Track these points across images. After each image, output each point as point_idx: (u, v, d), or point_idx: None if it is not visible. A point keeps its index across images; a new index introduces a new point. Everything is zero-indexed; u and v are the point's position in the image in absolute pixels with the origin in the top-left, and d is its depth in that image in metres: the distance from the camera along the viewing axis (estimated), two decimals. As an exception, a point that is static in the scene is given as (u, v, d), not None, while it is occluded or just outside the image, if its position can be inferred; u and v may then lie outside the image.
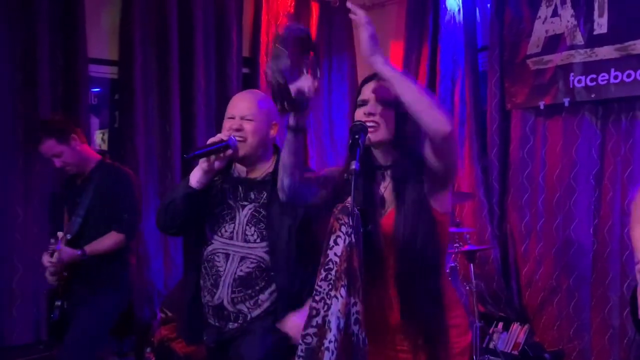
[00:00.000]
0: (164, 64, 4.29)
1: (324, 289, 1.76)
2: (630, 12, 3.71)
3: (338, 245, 1.77)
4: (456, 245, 4.15)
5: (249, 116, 2.28)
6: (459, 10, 4.76)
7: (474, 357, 3.95)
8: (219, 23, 4.55)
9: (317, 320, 1.74)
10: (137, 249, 4.00)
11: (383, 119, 1.89)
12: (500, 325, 4.46)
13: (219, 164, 2.22)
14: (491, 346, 4.33)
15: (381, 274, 1.89)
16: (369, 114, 1.88)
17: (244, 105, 2.31)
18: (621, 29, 3.75)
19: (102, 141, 4.71)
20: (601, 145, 4.03)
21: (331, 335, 1.70)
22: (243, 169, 2.35)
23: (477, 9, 4.75)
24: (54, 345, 3.43)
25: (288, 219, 2.22)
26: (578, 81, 3.97)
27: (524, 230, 4.43)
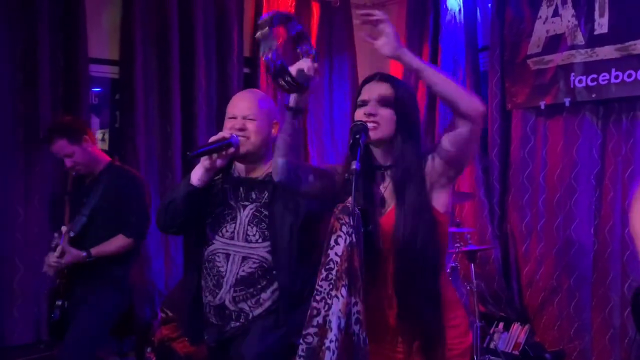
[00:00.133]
0: (164, 64, 4.28)
1: (325, 289, 1.76)
2: (631, 12, 3.70)
3: (339, 245, 1.77)
4: (457, 245, 4.15)
5: (251, 115, 2.28)
6: (459, 10, 4.75)
7: (475, 357, 3.95)
8: (219, 23, 4.54)
9: (318, 320, 1.74)
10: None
11: (383, 119, 1.89)
12: (501, 325, 4.46)
13: (221, 162, 2.22)
14: (492, 346, 4.33)
15: (381, 273, 1.89)
16: (370, 114, 1.89)
17: (245, 105, 2.31)
18: (622, 29, 3.75)
19: (103, 141, 4.70)
20: (602, 145, 4.02)
21: (332, 335, 1.70)
22: (243, 168, 2.35)
23: (478, 8, 4.74)
24: (55, 345, 3.43)
25: (290, 218, 2.22)
26: (579, 81, 3.97)
27: (525, 230, 4.42)
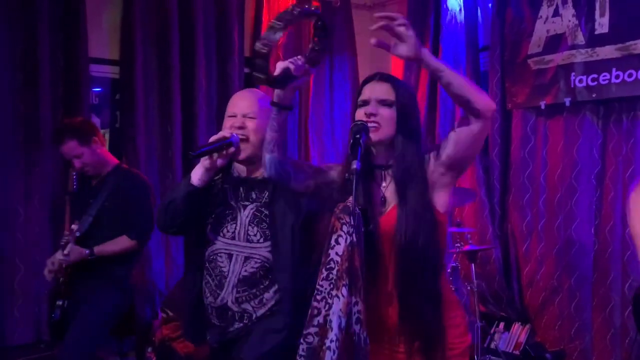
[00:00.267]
0: (165, 64, 4.28)
1: (326, 288, 1.76)
2: (632, 12, 3.70)
3: (339, 244, 1.77)
4: (457, 245, 4.14)
5: (250, 114, 2.27)
6: (460, 10, 4.75)
7: (475, 357, 3.95)
8: (220, 23, 4.53)
9: (319, 320, 1.74)
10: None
11: (384, 119, 1.89)
12: (502, 325, 4.46)
13: (221, 161, 2.22)
14: (492, 346, 4.32)
15: (382, 273, 1.89)
16: (370, 114, 1.89)
17: (245, 104, 2.30)
18: (622, 28, 3.75)
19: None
20: (602, 145, 4.02)
21: (332, 334, 1.70)
22: (243, 168, 2.34)
23: (479, 8, 4.74)
24: (55, 344, 3.43)
25: (291, 218, 2.22)
26: (579, 81, 3.97)
27: (525, 230, 4.42)
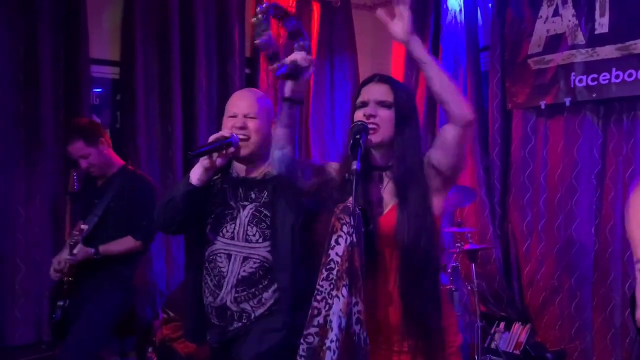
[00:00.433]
0: (165, 64, 4.29)
1: (326, 289, 1.76)
2: (632, 12, 3.70)
3: (339, 244, 1.78)
4: (458, 244, 4.15)
5: (251, 114, 2.28)
6: (460, 10, 4.75)
7: (476, 357, 3.95)
8: (220, 23, 4.53)
9: (319, 320, 1.75)
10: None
11: (383, 121, 1.89)
12: (502, 325, 4.46)
13: (220, 161, 2.22)
14: (493, 346, 4.32)
15: (382, 273, 1.90)
16: (370, 115, 1.89)
17: (246, 104, 2.31)
18: (622, 28, 3.75)
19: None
20: (603, 145, 4.02)
21: (333, 334, 1.70)
22: (242, 168, 2.35)
23: (479, 8, 4.74)
24: (56, 345, 3.44)
25: (291, 218, 2.22)
26: (579, 81, 3.97)
27: (526, 229, 4.42)
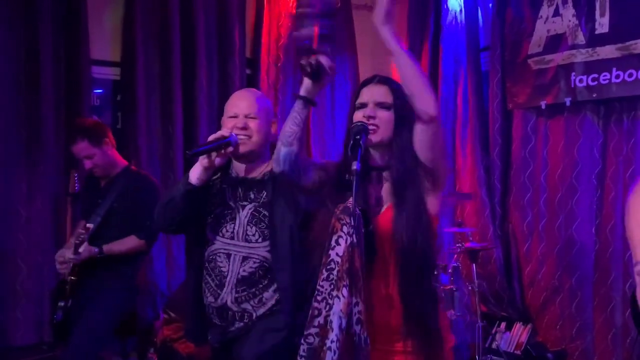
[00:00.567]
0: (166, 65, 4.29)
1: (326, 289, 1.76)
2: (632, 12, 3.70)
3: (340, 245, 1.78)
4: (458, 245, 4.15)
5: (252, 114, 2.28)
6: (460, 10, 4.76)
7: (477, 357, 3.95)
8: (221, 24, 4.54)
9: (319, 320, 1.75)
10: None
11: (382, 122, 1.90)
12: (503, 325, 4.45)
13: (219, 160, 2.22)
14: (494, 346, 4.32)
15: (381, 273, 1.90)
16: (369, 116, 1.89)
17: (246, 104, 2.31)
18: (623, 28, 3.75)
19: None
20: (603, 145, 4.02)
21: (333, 335, 1.70)
22: (242, 168, 2.35)
23: (479, 9, 4.74)
24: (57, 345, 3.44)
25: (290, 218, 2.23)
26: (579, 81, 3.97)
27: (526, 229, 4.42)
